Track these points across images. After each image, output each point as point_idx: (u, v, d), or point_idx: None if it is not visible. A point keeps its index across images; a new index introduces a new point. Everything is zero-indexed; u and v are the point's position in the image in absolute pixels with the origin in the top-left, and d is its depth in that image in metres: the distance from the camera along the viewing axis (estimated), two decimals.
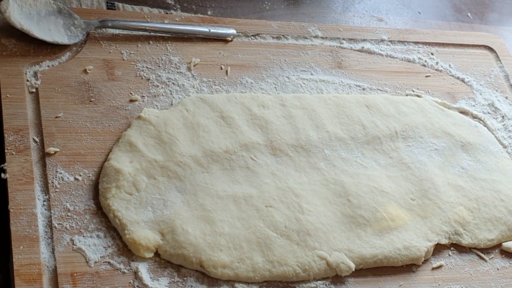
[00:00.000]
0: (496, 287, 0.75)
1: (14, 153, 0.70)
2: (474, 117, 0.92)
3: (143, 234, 0.67)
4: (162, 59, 0.84)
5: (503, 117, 0.93)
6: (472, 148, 0.86)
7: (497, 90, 0.97)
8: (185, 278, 0.66)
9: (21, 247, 0.63)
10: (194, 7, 0.95)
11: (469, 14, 1.10)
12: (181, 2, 0.95)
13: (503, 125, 0.92)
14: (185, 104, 0.79)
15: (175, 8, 0.94)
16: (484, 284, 0.75)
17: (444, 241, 0.76)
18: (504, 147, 0.89)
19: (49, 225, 0.66)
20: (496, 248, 0.78)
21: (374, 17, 1.04)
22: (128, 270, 0.65)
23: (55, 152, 0.71)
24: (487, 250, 0.78)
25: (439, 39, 1.00)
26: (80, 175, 0.70)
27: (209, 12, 0.95)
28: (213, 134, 0.77)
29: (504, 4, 1.15)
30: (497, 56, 1.01)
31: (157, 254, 0.67)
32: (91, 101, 0.77)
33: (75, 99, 0.76)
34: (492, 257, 0.77)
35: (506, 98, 0.96)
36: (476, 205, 0.80)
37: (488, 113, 0.93)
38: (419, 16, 1.08)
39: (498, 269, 0.76)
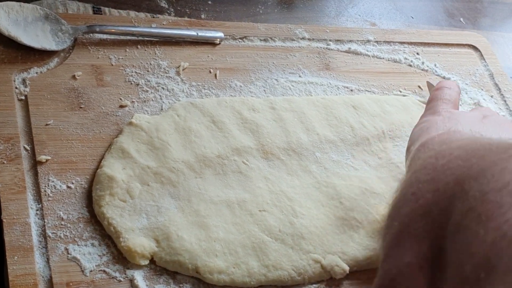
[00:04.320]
0: None
1: (5, 162, 0.69)
2: None
3: (138, 242, 0.67)
4: (150, 64, 0.83)
5: None
6: None
7: (482, 89, 0.98)
8: (181, 285, 0.66)
9: (16, 257, 0.63)
10: (187, 10, 0.95)
11: (461, 19, 1.11)
12: (175, 5, 0.95)
13: None
14: (176, 109, 0.79)
15: (168, 11, 0.94)
16: None
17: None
18: None
19: (43, 235, 0.66)
20: None
21: (367, 21, 1.05)
22: (124, 278, 0.65)
23: (47, 160, 0.71)
24: None
25: (424, 39, 1.01)
26: (73, 183, 0.70)
27: (202, 16, 0.95)
28: (205, 139, 0.77)
29: (496, 9, 1.17)
30: (481, 55, 1.02)
31: (152, 261, 0.67)
32: (81, 107, 0.76)
33: (65, 106, 0.76)
34: None
35: (491, 96, 0.97)
36: None
37: None
38: (411, 21, 1.09)
39: None
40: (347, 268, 0.71)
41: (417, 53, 0.99)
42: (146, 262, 0.67)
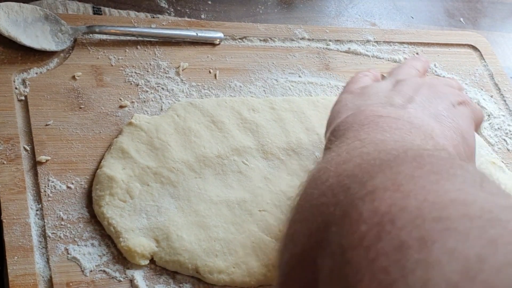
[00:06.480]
0: None
1: (5, 162, 0.69)
2: None
3: (138, 242, 0.67)
4: (150, 64, 0.83)
5: (489, 115, 0.94)
6: None
7: (482, 89, 0.98)
8: (180, 285, 0.66)
9: (16, 257, 0.63)
10: (188, 10, 0.95)
11: (461, 19, 1.11)
12: (175, 6, 0.95)
13: (489, 123, 0.93)
14: (176, 109, 0.79)
15: (168, 11, 0.94)
16: None
17: None
18: (491, 145, 0.90)
19: (43, 235, 0.66)
20: None
21: (367, 21, 1.05)
22: (123, 278, 0.65)
23: (47, 160, 0.71)
24: None
25: (423, 39, 1.01)
26: (73, 183, 0.70)
27: (202, 16, 0.95)
28: (205, 139, 0.77)
29: (496, 9, 1.16)
30: (481, 55, 1.02)
31: (152, 261, 0.67)
32: (80, 108, 0.76)
33: (65, 106, 0.76)
34: None
35: (491, 96, 0.97)
36: None
37: None
38: (411, 21, 1.09)
39: None
40: None
41: (417, 53, 0.99)
42: (146, 262, 0.67)
